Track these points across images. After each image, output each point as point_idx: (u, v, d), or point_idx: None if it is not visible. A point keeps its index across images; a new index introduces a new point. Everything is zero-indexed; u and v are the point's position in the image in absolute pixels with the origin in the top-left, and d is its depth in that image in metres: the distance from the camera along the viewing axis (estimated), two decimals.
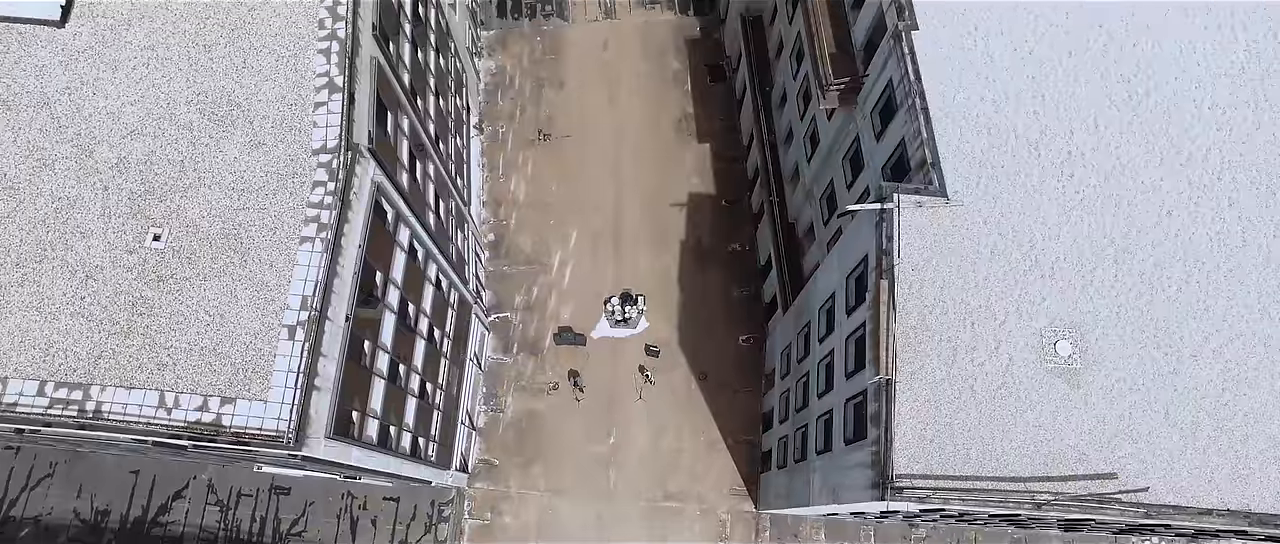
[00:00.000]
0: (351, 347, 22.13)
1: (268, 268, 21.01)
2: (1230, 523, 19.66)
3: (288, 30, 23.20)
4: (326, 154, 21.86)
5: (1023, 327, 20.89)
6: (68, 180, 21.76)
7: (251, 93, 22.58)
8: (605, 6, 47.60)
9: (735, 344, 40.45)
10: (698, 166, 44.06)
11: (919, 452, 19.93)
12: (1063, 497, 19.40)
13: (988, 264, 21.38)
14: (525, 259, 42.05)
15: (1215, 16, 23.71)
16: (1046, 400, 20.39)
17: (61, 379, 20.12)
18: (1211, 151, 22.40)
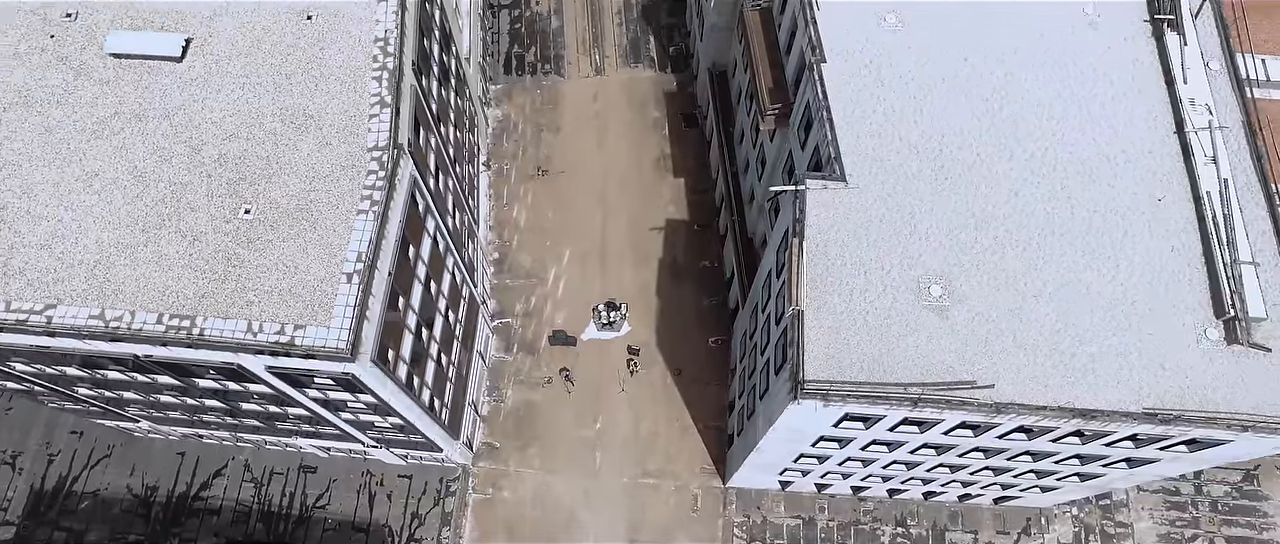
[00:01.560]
0: (391, 297, 28.62)
1: (332, 232, 27.66)
2: (1058, 417, 25.82)
3: (350, 63, 30.62)
4: (378, 151, 28.86)
5: (904, 275, 27.52)
6: (181, 170, 28.68)
7: (322, 107, 29.80)
8: (595, 65, 55.98)
9: (705, 345, 46.81)
10: (673, 197, 51.39)
11: (824, 365, 26.19)
12: (933, 395, 25.63)
13: (877, 229, 28.18)
14: (525, 274, 48.82)
15: (1050, 52, 31.34)
16: (922, 328, 26.81)
17: (174, 312, 26.46)
18: (1047, 150, 29.55)
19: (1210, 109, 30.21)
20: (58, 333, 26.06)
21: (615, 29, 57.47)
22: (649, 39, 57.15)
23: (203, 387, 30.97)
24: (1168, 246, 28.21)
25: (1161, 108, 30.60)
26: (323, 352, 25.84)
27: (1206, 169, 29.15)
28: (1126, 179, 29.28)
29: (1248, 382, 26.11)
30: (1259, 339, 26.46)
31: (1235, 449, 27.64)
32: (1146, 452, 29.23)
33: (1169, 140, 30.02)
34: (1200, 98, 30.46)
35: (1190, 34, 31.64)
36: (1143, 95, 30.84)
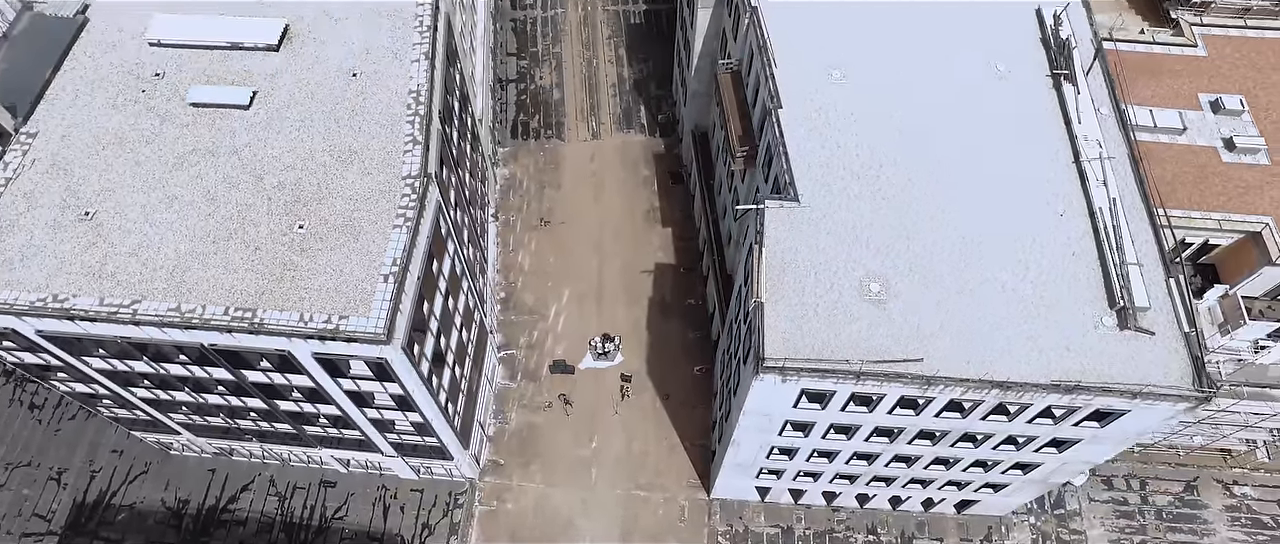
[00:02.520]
0: (418, 299, 33.87)
1: (371, 242, 33.20)
2: (979, 389, 30.71)
3: (388, 110, 36.96)
4: (411, 179, 34.76)
5: (848, 275, 32.92)
6: (247, 194, 34.48)
7: (364, 145, 35.91)
8: (592, 131, 63.00)
9: (691, 373, 51.58)
10: (662, 244, 57.25)
11: (781, 347, 31.21)
12: (871, 370, 30.59)
13: (825, 239, 33.77)
14: (528, 311, 54.06)
15: (969, 98, 37.79)
16: (864, 318, 32.00)
17: (238, 306, 31.67)
18: (967, 176, 35.51)
19: (1100, 144, 36.36)
20: (142, 322, 31.20)
21: (610, 100, 64.89)
22: (640, 108, 64.47)
23: (251, 381, 35.75)
24: (1069, 252, 33.79)
25: (1061, 142, 36.80)
26: (362, 335, 30.95)
27: (1098, 190, 35.03)
28: (1034, 198, 35.15)
29: (1136, 359, 31.18)
30: (1144, 325, 31.70)
31: (1135, 420, 32.36)
32: (1065, 429, 33.91)
33: (1068, 168, 36.07)
34: (1092, 135, 36.67)
35: (1083, 86, 38.19)
36: (1046, 132, 37.13)
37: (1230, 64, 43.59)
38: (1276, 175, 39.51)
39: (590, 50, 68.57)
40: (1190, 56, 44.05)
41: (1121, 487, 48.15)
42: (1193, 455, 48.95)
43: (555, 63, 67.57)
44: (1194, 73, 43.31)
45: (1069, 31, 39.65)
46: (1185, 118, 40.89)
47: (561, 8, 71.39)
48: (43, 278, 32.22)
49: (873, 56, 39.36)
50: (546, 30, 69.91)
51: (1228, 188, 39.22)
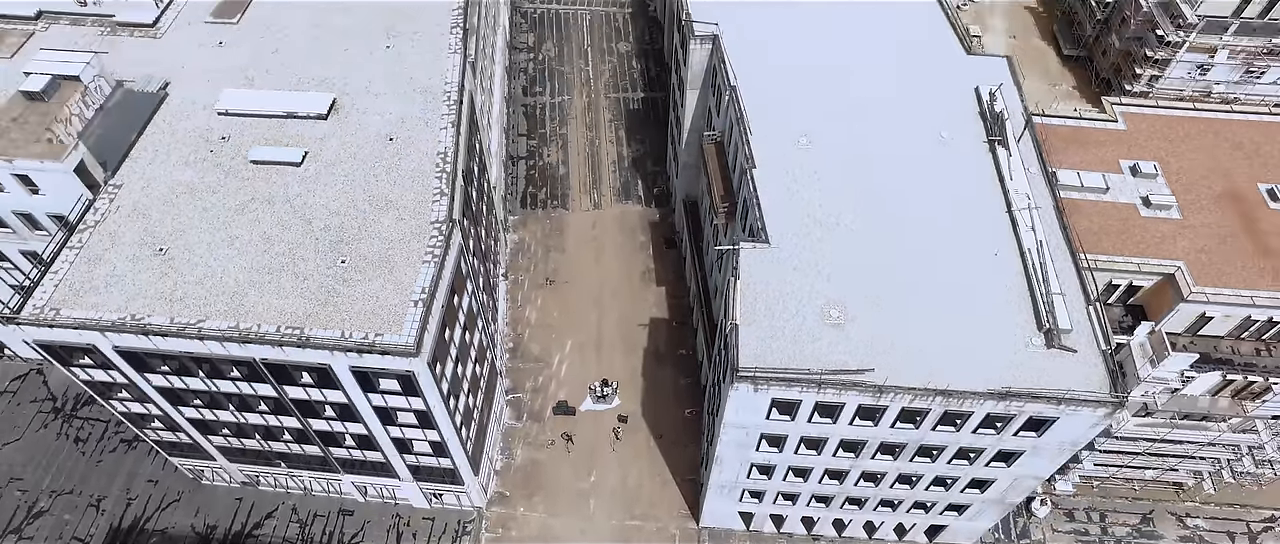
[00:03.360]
0: (441, 325, 39.11)
1: (403, 274, 38.76)
2: (924, 398, 35.50)
3: (419, 168, 43.30)
4: (438, 223, 40.68)
5: (811, 303, 38.28)
6: (297, 235, 40.33)
7: (400, 195, 42.03)
8: (594, 202, 69.61)
9: (682, 415, 56.01)
10: (656, 301, 62.71)
11: (753, 359, 36.24)
12: (830, 379, 35.48)
13: (792, 274, 39.31)
14: (534, 359, 58.98)
15: (916, 159, 44.14)
16: (825, 339, 37.13)
17: (288, 324, 36.94)
18: (916, 223, 41.39)
19: (1029, 197, 42.45)
20: (206, 337, 36.41)
21: (610, 174, 71.88)
22: (637, 182, 71.34)
23: (291, 397, 40.53)
24: (1003, 284, 39.26)
25: (996, 195, 42.90)
26: (394, 348, 36.08)
27: (1027, 234, 40.83)
28: (973, 241, 40.91)
29: (1061, 372, 36.14)
30: (1067, 344, 36.82)
31: (1065, 427, 36.93)
32: (1007, 440, 38.40)
33: (1002, 216, 42.00)
34: (1022, 189, 42.79)
35: (1014, 150, 44.62)
36: (982, 188, 43.29)
37: (1146, 136, 50.32)
38: (1187, 227, 45.40)
39: (593, 132, 76.21)
40: (1113, 130, 50.85)
41: (1083, 518, 51.65)
42: (1147, 489, 52.65)
43: (562, 142, 75.05)
44: (1116, 143, 49.97)
45: (1002, 106, 46.49)
46: (1108, 179, 47.20)
47: (568, 95, 79.63)
48: (123, 301, 37.65)
49: (835, 126, 46.09)
50: (554, 114, 77.82)
51: (1146, 238, 45.02)
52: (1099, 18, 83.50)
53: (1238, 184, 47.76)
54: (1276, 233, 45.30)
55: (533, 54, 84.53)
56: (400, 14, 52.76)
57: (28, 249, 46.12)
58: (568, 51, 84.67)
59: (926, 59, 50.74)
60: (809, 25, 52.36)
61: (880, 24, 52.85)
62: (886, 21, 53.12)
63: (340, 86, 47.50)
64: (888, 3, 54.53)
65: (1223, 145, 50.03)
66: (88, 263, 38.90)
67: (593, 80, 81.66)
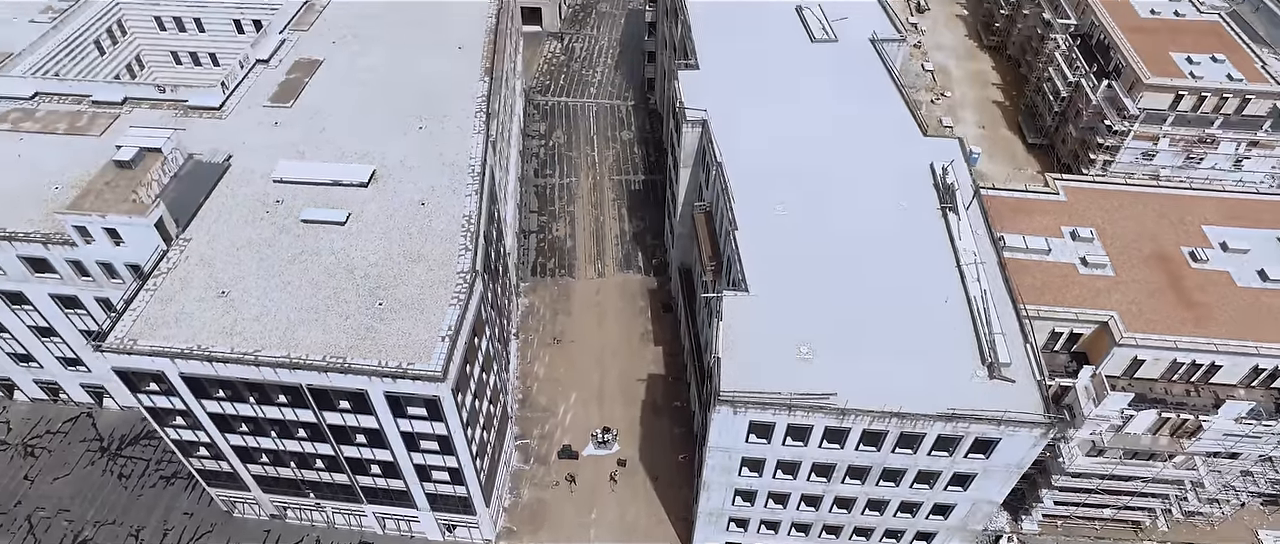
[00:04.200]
0: (463, 359, 44.86)
1: (432, 315, 44.83)
2: (883, 420, 40.80)
3: (447, 228, 50.08)
4: (463, 273, 47.10)
5: (784, 342, 44.06)
6: (341, 281, 46.68)
7: (430, 250, 48.64)
8: (598, 271, 76.24)
9: (676, 460, 60.69)
10: (654, 359, 68.31)
11: (733, 386, 41.76)
12: (799, 402, 40.90)
13: (768, 317, 45.29)
14: (541, 409, 64.16)
15: (879, 223, 50.81)
16: (795, 371, 42.69)
17: (332, 355, 42.76)
18: (878, 276, 47.65)
19: (975, 254, 48.83)
20: (261, 364, 42.23)
21: (614, 247, 78.83)
22: (638, 254, 78.19)
23: (328, 423, 45.86)
24: (952, 326, 45.11)
25: (947, 253, 49.29)
26: (424, 374, 41.79)
27: (973, 285, 46.96)
28: (926, 291, 47.01)
29: (1002, 399, 41.50)
30: (1006, 375, 42.37)
31: (1009, 448, 41.98)
32: (959, 461, 43.34)
33: (952, 270, 48.26)
34: (970, 248, 49.22)
35: (963, 215, 51.31)
36: (935, 247, 49.74)
37: (1084, 206, 57.20)
38: (1120, 283, 51.57)
39: (598, 209, 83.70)
40: (1055, 201, 57.82)
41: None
42: (1108, 528, 56.54)
43: (569, 218, 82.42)
44: (1058, 212, 56.81)
45: (953, 179, 53.54)
46: (1051, 242, 53.74)
47: (575, 177, 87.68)
48: (190, 335, 43.67)
49: (808, 195, 53.10)
50: (563, 194, 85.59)
51: (1084, 292, 51.12)
52: (1057, 110, 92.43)
53: (1164, 247, 54.24)
54: (1198, 288, 51.42)
55: (544, 141, 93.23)
56: (431, 101, 60.98)
57: (102, 296, 52.44)
58: (576, 139, 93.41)
59: (889, 139, 58.26)
60: (786, 110, 60.24)
61: (849, 108, 60.75)
62: (854, 106, 61.05)
63: (379, 160, 54.97)
64: (856, 91, 62.67)
65: (1151, 214, 56.82)
66: (160, 303, 45.18)
67: (598, 164, 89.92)
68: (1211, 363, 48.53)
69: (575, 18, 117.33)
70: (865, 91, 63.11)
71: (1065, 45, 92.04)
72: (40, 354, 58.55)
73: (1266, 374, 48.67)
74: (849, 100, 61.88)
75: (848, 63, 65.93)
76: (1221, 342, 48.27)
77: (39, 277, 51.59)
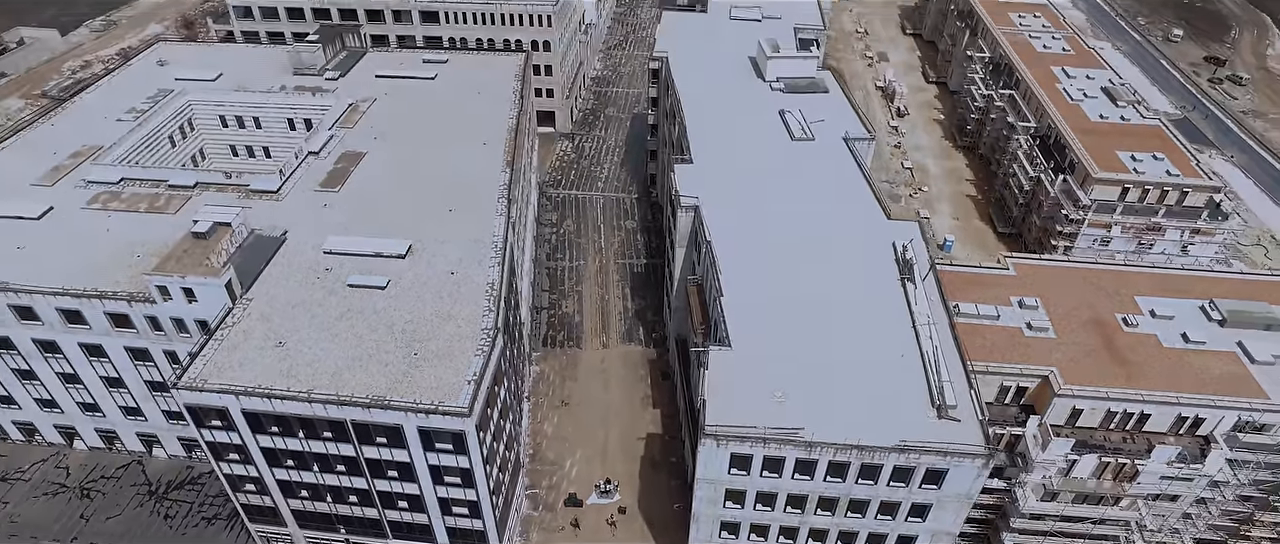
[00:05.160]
0: (485, 402, 51.87)
1: (461, 364, 52.20)
2: (845, 453, 47.34)
3: (473, 294, 58.11)
4: (486, 330, 54.77)
5: (761, 389, 51.09)
6: (382, 335, 54.33)
7: (458, 311, 56.48)
8: (603, 343, 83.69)
9: (672, 509, 66.30)
10: (652, 421, 74.80)
11: (717, 421, 48.53)
12: (773, 436, 47.57)
13: (747, 368, 52.47)
14: (550, 463, 70.29)
15: (848, 291, 58.62)
16: (770, 412, 49.55)
17: (374, 394, 49.90)
18: (843, 333, 55.07)
19: (929, 317, 56.35)
20: (313, 401, 49.42)
21: (617, 322, 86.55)
22: (639, 328, 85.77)
23: (366, 457, 52.43)
24: (908, 376, 52.14)
25: (904, 317, 56.80)
26: (452, 411, 48.81)
27: (927, 342, 54.24)
28: (886, 347, 54.30)
29: (949, 434, 48.13)
30: (953, 416, 49.12)
31: (958, 478, 48.20)
32: (915, 492, 49.42)
33: (909, 330, 55.65)
34: (924, 312, 56.75)
35: (919, 284, 59.16)
36: (895, 311, 57.32)
37: (1031, 280, 65.07)
38: (1060, 344, 58.73)
39: (603, 289, 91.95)
40: (1005, 275, 65.76)
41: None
42: None
43: (578, 297, 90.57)
44: (1007, 284, 64.62)
45: (912, 255, 61.66)
46: (1000, 309, 61.28)
47: (584, 260, 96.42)
48: (251, 377, 51.04)
49: (785, 267, 61.16)
50: (572, 275, 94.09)
51: (1029, 352, 58.22)
52: (1022, 202, 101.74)
53: (1100, 314, 61.70)
54: (1129, 348, 58.56)
55: (556, 228, 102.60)
56: (459, 188, 70.33)
57: (170, 349, 60.06)
58: (584, 227, 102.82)
59: (857, 222, 66.80)
60: (768, 197, 69.20)
61: (822, 193, 69.71)
62: (827, 191, 70.06)
63: (415, 236, 63.61)
64: (829, 182, 71.82)
65: (1089, 286, 64.58)
66: (226, 351, 52.82)
67: (604, 249, 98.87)
68: (1141, 412, 55.05)
69: (585, 120, 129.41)
70: (838, 182, 72.30)
71: (1027, 145, 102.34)
72: (106, 404, 65.72)
73: (1190, 422, 55.06)
74: (823, 189, 70.95)
75: (823, 158, 75.49)
76: (1148, 393, 54.98)
77: (118, 331, 59.47)
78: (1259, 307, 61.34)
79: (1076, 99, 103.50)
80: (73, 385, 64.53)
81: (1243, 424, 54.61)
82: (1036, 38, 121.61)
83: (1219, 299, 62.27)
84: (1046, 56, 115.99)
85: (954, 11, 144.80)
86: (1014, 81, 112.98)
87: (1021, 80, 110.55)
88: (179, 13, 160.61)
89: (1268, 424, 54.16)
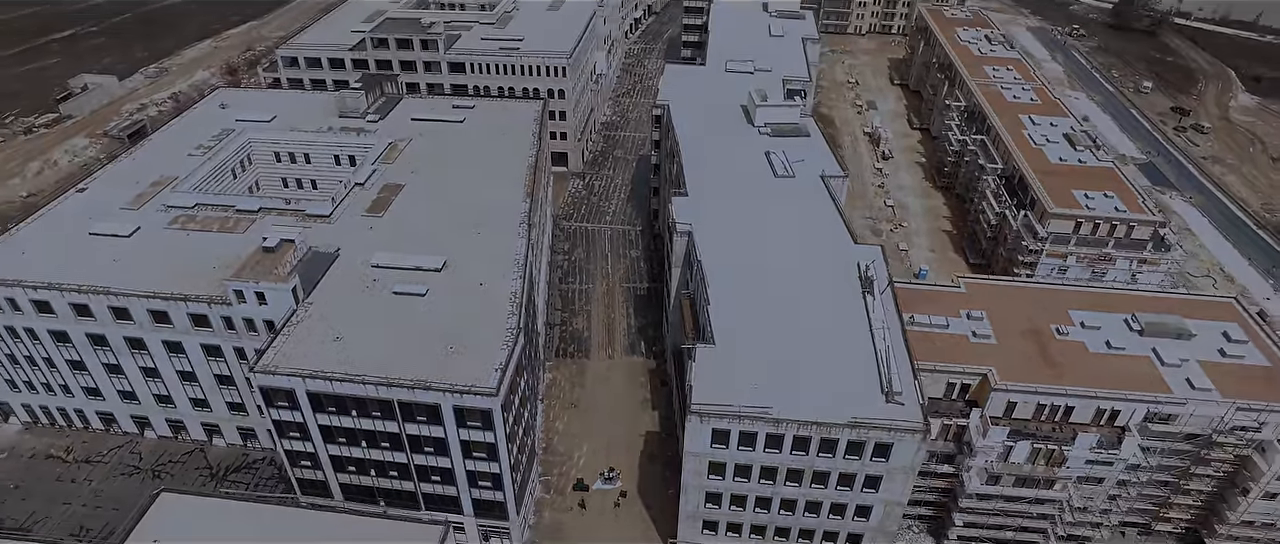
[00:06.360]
0: (509, 387, 61.85)
1: (489, 356, 62.20)
2: (804, 428, 56.99)
3: (500, 301, 68.51)
4: (510, 331, 64.97)
5: (740, 378, 60.92)
6: (422, 333, 64.57)
7: (487, 316, 66.82)
8: (609, 355, 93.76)
9: (667, 495, 75.34)
10: (651, 421, 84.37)
11: (702, 401, 58.32)
12: (748, 413, 57.32)
13: (729, 361, 62.35)
14: (560, 454, 79.84)
15: (818, 306, 68.76)
16: (747, 395, 59.32)
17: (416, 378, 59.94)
18: (813, 335, 65.07)
19: (884, 323, 66.27)
20: (366, 382, 59.60)
21: (621, 337, 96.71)
22: (641, 342, 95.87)
23: (407, 433, 62.27)
24: (863, 370, 61.92)
25: (864, 323, 66.78)
26: (483, 390, 58.86)
27: (881, 342, 64.10)
28: (847, 346, 64.16)
29: (894, 414, 57.78)
30: (898, 400, 58.80)
31: (901, 451, 57.63)
32: (867, 464, 58.81)
33: (867, 333, 65.55)
34: (880, 319, 66.70)
35: (877, 296, 69.21)
36: (855, 318, 67.33)
37: (978, 295, 75.08)
38: (999, 349, 68.45)
39: (610, 309, 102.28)
40: (957, 292, 75.84)
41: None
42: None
43: (587, 315, 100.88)
44: (957, 300, 74.62)
45: (872, 274, 71.83)
46: (949, 320, 71.21)
47: (592, 284, 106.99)
48: (314, 365, 61.35)
49: (764, 282, 71.44)
50: (581, 297, 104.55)
51: (973, 354, 67.93)
52: (990, 235, 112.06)
53: (1037, 324, 71.51)
54: (1059, 353, 68.24)
55: (568, 256, 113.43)
56: (486, 214, 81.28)
57: (238, 345, 70.51)
58: (593, 254, 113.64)
59: (828, 245, 77.18)
60: (752, 225, 79.78)
61: (799, 222, 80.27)
62: (804, 220, 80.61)
63: (449, 254, 74.31)
64: (806, 212, 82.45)
65: (1030, 302, 74.52)
66: (292, 344, 63.24)
67: (610, 275, 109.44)
68: (1066, 405, 64.46)
69: (595, 161, 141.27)
70: (813, 213, 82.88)
71: (995, 184, 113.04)
72: (178, 395, 76.02)
73: (1108, 414, 64.37)
74: (800, 218, 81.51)
75: (801, 192, 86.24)
76: (1072, 388, 64.47)
77: (196, 330, 70.07)
78: (1173, 319, 71.05)
79: (1040, 144, 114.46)
80: (152, 379, 74.97)
81: (1152, 416, 63.89)
82: (1007, 89, 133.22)
83: (1140, 313, 72.06)
84: (1015, 105, 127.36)
85: (935, 64, 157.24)
86: (985, 127, 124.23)
87: (992, 126, 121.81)
88: (223, 60, 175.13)
89: (1172, 415, 63.46)
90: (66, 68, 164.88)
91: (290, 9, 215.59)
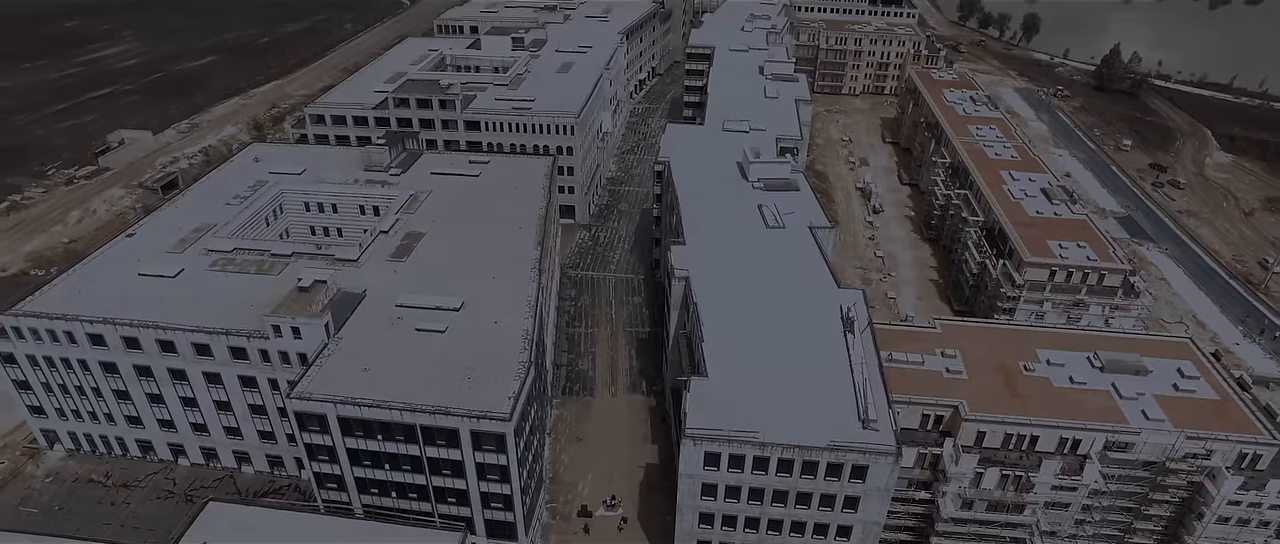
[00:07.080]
0: (521, 414, 67.92)
1: (504, 385, 68.52)
2: (788, 451, 62.79)
3: (513, 337, 75.14)
4: (522, 364, 71.40)
5: (730, 407, 66.99)
6: (443, 365, 71.04)
7: (501, 351, 73.34)
8: (612, 392, 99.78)
9: (664, 520, 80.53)
10: (651, 453, 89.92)
11: (695, 426, 64.25)
12: (736, 437, 63.20)
13: (721, 392, 68.48)
14: (566, 483, 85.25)
15: (804, 343, 75.13)
16: (737, 422, 65.32)
17: (437, 404, 66.15)
18: (797, 368, 71.28)
19: (862, 358, 72.50)
20: (391, 408, 65.83)
21: (623, 376, 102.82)
22: (642, 381, 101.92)
23: (427, 455, 68.13)
24: (842, 399, 67.92)
25: (844, 358, 73.00)
26: (497, 416, 65.00)
27: (860, 377, 70.26)
28: (829, 380, 70.28)
29: (869, 438, 63.61)
30: (873, 427, 64.68)
31: (877, 472, 63.23)
32: (846, 484, 64.34)
33: (846, 368, 71.74)
34: (860, 355, 72.98)
35: (857, 335, 75.56)
36: (837, 354, 73.58)
37: (953, 336, 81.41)
38: (970, 383, 74.55)
39: (613, 351, 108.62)
40: (932, 333, 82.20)
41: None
42: None
43: (592, 356, 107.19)
44: (933, 339, 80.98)
45: (853, 315, 78.36)
46: (925, 358, 77.44)
47: (597, 328, 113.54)
48: (345, 391, 67.67)
49: (754, 322, 77.99)
50: (587, 339, 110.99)
51: (946, 388, 74.00)
52: (972, 283, 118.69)
53: (1006, 362, 77.67)
54: (1025, 387, 74.28)
55: (574, 302, 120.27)
56: (500, 261, 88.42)
57: (272, 377, 76.94)
58: (597, 300, 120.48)
59: (813, 289, 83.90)
60: (744, 271, 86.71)
61: (788, 268, 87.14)
62: (792, 267, 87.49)
63: (466, 295, 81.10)
64: (794, 259, 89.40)
65: (1000, 342, 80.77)
66: (324, 375, 69.71)
67: (614, 319, 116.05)
68: (1031, 435, 70.19)
69: (600, 214, 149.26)
70: (801, 260, 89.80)
71: (977, 236, 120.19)
72: (213, 424, 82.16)
73: (1070, 443, 70.00)
74: (789, 265, 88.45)
75: (790, 241, 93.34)
76: (1037, 419, 70.27)
77: (235, 361, 76.64)
78: (1131, 357, 77.15)
79: (1018, 198, 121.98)
80: (190, 408, 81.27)
81: (1110, 444, 69.51)
82: (990, 146, 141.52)
83: (1101, 351, 78.20)
84: (997, 162, 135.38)
85: (924, 123, 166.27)
86: (969, 182, 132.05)
87: (974, 182, 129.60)
88: (250, 116, 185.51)
89: (1129, 443, 69.08)
90: (104, 123, 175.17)
91: (312, 69, 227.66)
